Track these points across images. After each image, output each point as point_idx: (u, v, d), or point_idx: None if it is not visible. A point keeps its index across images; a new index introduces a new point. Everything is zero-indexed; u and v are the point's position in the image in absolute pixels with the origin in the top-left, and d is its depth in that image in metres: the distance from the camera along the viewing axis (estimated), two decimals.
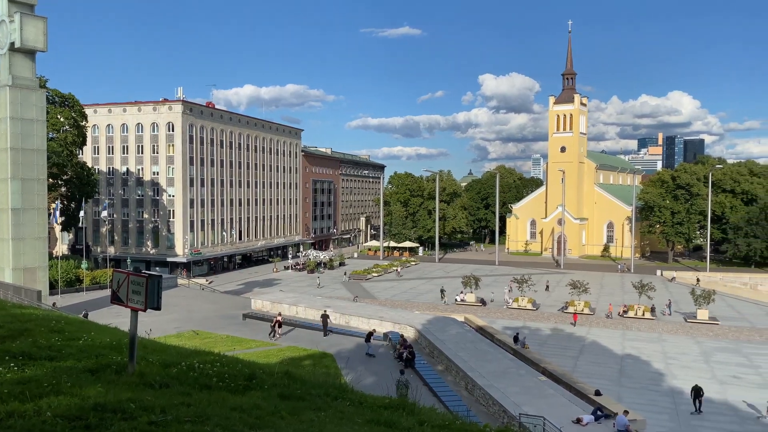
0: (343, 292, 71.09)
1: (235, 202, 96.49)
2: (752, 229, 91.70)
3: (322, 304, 50.59)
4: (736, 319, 57.96)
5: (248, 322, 46.63)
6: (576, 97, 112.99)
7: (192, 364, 9.92)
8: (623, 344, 47.39)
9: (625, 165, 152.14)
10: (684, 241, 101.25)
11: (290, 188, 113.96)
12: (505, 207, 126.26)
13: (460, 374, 31.12)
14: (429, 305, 62.33)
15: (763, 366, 41.58)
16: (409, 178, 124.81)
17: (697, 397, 31.91)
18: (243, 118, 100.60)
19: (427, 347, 37.35)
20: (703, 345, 47.63)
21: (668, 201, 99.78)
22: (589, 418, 23.53)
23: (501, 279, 78.89)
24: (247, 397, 8.31)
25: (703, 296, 56.27)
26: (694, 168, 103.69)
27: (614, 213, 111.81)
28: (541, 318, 57.48)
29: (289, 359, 32.90)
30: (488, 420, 23.75)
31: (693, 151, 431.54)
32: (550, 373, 31.91)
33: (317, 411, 8.06)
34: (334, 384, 11.34)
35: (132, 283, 8.69)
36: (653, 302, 60.25)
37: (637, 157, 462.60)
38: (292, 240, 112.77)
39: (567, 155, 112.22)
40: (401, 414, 8.51)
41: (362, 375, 31.18)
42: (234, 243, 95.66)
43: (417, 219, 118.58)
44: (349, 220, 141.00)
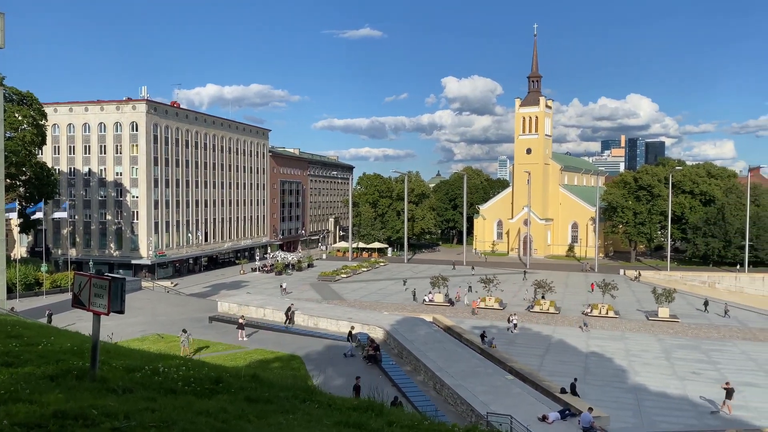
0: (312, 294, 70.76)
1: (201, 203, 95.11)
2: (710, 229, 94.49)
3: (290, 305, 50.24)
4: (696, 317, 59.66)
5: (215, 324, 46.05)
6: (541, 99, 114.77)
7: (157, 368, 9.74)
8: (588, 342, 48.30)
9: (588, 166, 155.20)
10: (646, 240, 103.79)
11: (257, 189, 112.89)
12: (473, 208, 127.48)
13: (428, 374, 31.28)
14: (398, 306, 62.50)
15: (720, 362, 42.88)
16: (377, 179, 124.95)
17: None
18: (209, 118, 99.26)
19: (395, 348, 37.45)
20: (664, 342, 48.88)
21: (631, 202, 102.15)
22: (555, 416, 23.92)
23: (468, 279, 79.57)
24: (214, 401, 8.19)
25: (664, 295, 57.81)
26: (655, 170, 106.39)
27: (578, 213, 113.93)
28: (507, 317, 58.08)
29: (257, 362, 32.59)
30: (457, 419, 23.94)
31: (654, 153, 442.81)
32: (517, 372, 32.33)
33: (285, 414, 8.00)
34: (303, 386, 11.27)
35: (94, 286, 8.49)
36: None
37: (600, 159, 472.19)
38: (260, 241, 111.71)
39: (532, 157, 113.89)
40: (370, 415, 8.50)
41: (331, 377, 31.10)
42: (200, 245, 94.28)
43: (386, 220, 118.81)
44: (317, 221, 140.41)
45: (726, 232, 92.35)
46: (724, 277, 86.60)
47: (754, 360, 43.46)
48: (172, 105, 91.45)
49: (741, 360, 43.57)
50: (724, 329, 54.31)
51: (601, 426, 24.48)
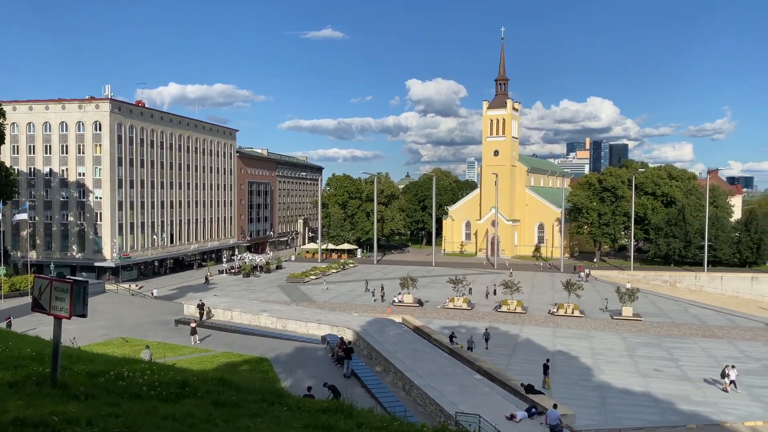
0: (280, 296, 70.23)
1: (167, 204, 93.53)
2: (671, 229, 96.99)
3: (258, 308, 49.81)
4: (658, 315, 61.15)
5: (181, 328, 45.32)
6: (508, 102, 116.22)
7: (121, 372, 9.53)
8: (554, 341, 49.05)
9: (554, 168, 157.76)
10: (610, 241, 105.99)
11: (224, 190, 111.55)
12: (442, 209, 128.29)
13: (398, 375, 31.35)
14: (367, 307, 62.48)
15: (682, 359, 44.04)
16: (347, 180, 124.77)
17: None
18: (175, 118, 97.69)
19: (365, 349, 37.42)
20: (627, 340, 49.95)
21: (595, 203, 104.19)
22: (522, 414, 24.22)
23: (438, 280, 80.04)
24: (180, 405, 8.06)
25: (628, 294, 59.12)
26: (619, 172, 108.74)
27: (545, 214, 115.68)
28: (476, 317, 58.69)
29: (225, 365, 32.20)
30: (426, 419, 24.04)
31: (618, 156, 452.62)
32: (485, 371, 32.64)
33: (253, 417, 7.92)
34: (271, 389, 11.18)
35: (55, 290, 8.26)
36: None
37: (566, 161, 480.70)
38: (227, 243, 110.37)
39: (500, 159, 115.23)
40: (339, 417, 8.48)
41: (301, 379, 30.89)
42: (165, 247, 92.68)
43: (355, 221, 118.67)
44: (286, 222, 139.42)
45: (686, 232, 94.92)
46: (685, 276, 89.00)
47: (713, 357, 44.74)
48: (137, 104, 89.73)
49: (701, 357, 44.81)
50: (685, 327, 55.80)
51: (567, 423, 24.89)
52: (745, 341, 50.38)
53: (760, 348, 47.99)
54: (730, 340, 50.58)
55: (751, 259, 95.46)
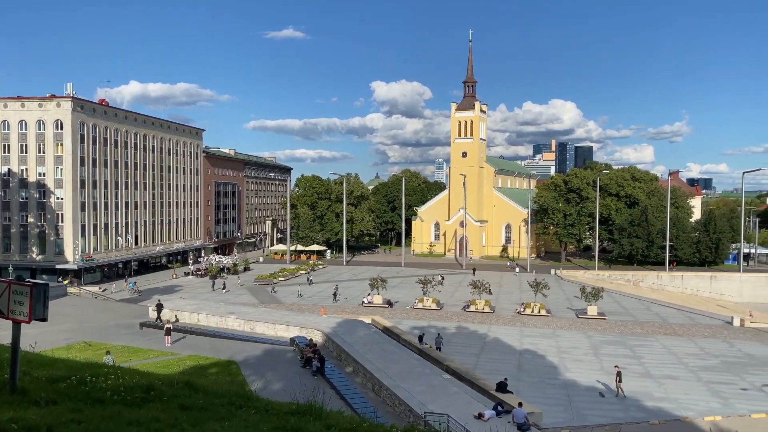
0: (248, 298, 69.52)
1: (131, 205, 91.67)
2: (634, 230, 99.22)
3: (225, 310, 49.24)
4: (622, 314, 62.48)
5: (146, 331, 44.53)
6: (476, 104, 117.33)
7: (83, 377, 9.30)
8: (521, 340, 49.69)
9: (521, 170, 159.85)
10: (575, 241, 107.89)
11: (191, 191, 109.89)
12: (411, 210, 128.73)
13: (367, 376, 31.34)
14: (337, 308, 62.29)
15: (644, 357, 45.08)
16: (316, 181, 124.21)
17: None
18: (140, 117, 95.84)
19: (334, 350, 37.32)
20: (592, 339, 50.90)
21: (561, 204, 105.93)
22: (490, 413, 24.46)
23: (407, 280, 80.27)
24: (145, 410, 7.91)
25: (593, 293, 60.25)
26: (584, 173, 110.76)
27: (512, 215, 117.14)
28: (445, 317, 59.07)
29: (191, 368, 31.73)
30: (395, 420, 24.10)
31: (583, 158, 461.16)
32: (454, 371, 32.87)
33: (221, 421, 7.82)
34: (239, 392, 11.04)
35: (14, 293, 8.01)
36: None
37: (532, 163, 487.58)
38: (193, 245, 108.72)
39: (468, 160, 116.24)
40: (308, 419, 8.43)
41: (270, 381, 30.65)
42: (130, 248, 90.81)
43: (325, 222, 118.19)
44: (254, 223, 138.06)
45: (649, 232, 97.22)
46: (648, 275, 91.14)
47: (675, 354, 45.92)
48: (100, 103, 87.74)
49: (663, 354, 45.94)
50: (648, 325, 57.14)
51: (534, 422, 25.23)
52: (704, 338, 51.84)
53: (719, 345, 49.45)
54: (691, 338, 51.99)
55: (710, 259, 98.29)
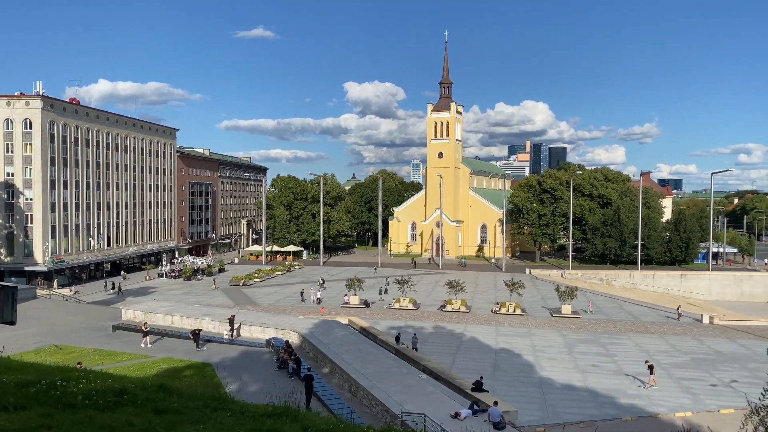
0: (223, 299, 68.84)
1: (103, 205, 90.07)
2: (607, 229, 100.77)
3: (200, 312, 48.70)
4: (595, 313, 63.37)
5: (118, 333, 43.82)
6: (452, 105, 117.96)
7: (53, 381, 9.12)
8: (497, 339, 50.10)
9: (496, 170, 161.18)
10: (549, 241, 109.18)
11: (164, 191, 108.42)
12: (388, 210, 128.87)
13: (344, 376, 31.28)
14: (313, 309, 62.04)
15: (617, 354, 45.82)
16: (292, 181, 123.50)
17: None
18: (112, 117, 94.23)
19: (311, 351, 37.17)
20: (567, 337, 51.56)
21: (535, 204, 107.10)
22: (466, 412, 24.61)
23: (383, 281, 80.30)
24: (118, 414, 7.78)
25: (567, 293, 61.02)
26: (558, 174, 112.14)
27: (487, 215, 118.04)
28: (421, 317, 59.26)
29: (165, 371, 31.32)
30: (372, 420, 24.10)
31: (557, 158, 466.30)
32: (430, 370, 32.98)
33: (195, 424, 7.74)
34: (214, 395, 10.94)
35: None
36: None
37: (507, 163, 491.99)
38: (167, 246, 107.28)
39: (444, 161, 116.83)
40: (285, 421, 8.40)
41: (246, 384, 30.41)
42: (102, 250, 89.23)
43: (301, 222, 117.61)
44: (229, 224, 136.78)
45: (621, 232, 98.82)
46: (620, 274, 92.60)
47: (647, 351, 46.73)
48: (71, 102, 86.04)
49: (635, 352, 46.73)
50: (620, 324, 58.07)
51: (510, 420, 25.45)
52: (675, 336, 52.89)
53: (689, 342, 50.51)
54: (662, 335, 53.00)
55: (681, 258, 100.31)
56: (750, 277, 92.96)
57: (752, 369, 41.21)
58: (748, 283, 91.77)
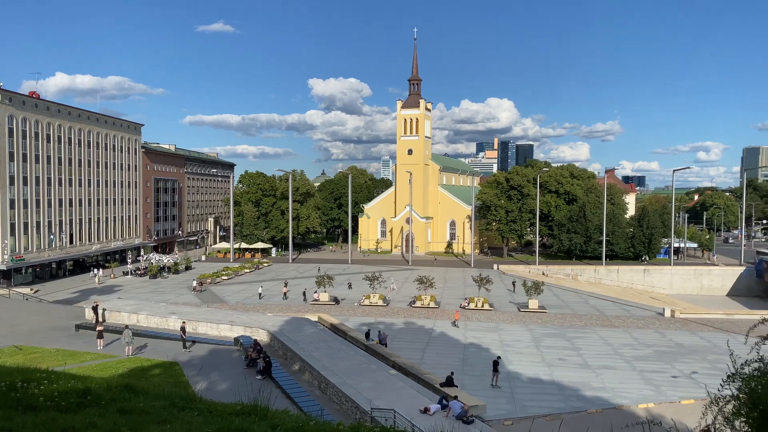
0: (190, 298, 67.89)
1: (65, 202, 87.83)
2: (573, 225, 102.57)
3: (166, 310, 47.91)
4: (561, 307, 64.50)
5: (82, 333, 42.81)
6: (421, 102, 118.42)
7: (14, 383, 8.87)
8: (466, 334, 50.57)
9: (465, 167, 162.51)
10: (517, 237, 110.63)
11: (129, 187, 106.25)
12: (358, 207, 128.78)
13: (313, 374, 31.18)
14: (282, 307, 61.65)
15: (583, 348, 46.72)
16: (260, 178, 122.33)
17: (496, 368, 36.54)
18: (74, 111, 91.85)
19: (280, 349, 36.93)
20: (534, 332, 52.35)
21: (503, 201, 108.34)
22: (435, 407, 24.80)
23: (354, 277, 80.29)
24: (81, 415, 7.62)
25: (534, 287, 61.95)
26: (525, 171, 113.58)
27: (456, 212, 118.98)
28: (391, 313, 59.42)
29: (132, 371, 30.76)
30: (342, 417, 24.09)
31: (524, 156, 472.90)
32: (400, 366, 33.12)
33: (162, 424, 7.63)
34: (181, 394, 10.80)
35: None
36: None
37: (475, 160, 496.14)
38: (132, 243, 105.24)
39: (414, 157, 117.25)
40: (253, 420, 8.33)
41: (215, 382, 30.06)
42: (64, 247, 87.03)
43: (269, 219, 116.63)
44: (196, 221, 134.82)
45: (587, 228, 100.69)
46: (585, 269, 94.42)
47: (611, 345, 47.80)
48: (31, 95, 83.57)
49: (600, 345, 47.74)
50: (586, 318, 59.23)
51: (477, 414, 25.74)
52: (638, 329, 54.19)
53: (652, 335, 51.81)
54: (625, 329, 54.22)
55: (644, 253, 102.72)
56: (709, 272, 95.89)
57: (711, 361, 42.49)
58: (708, 277, 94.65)
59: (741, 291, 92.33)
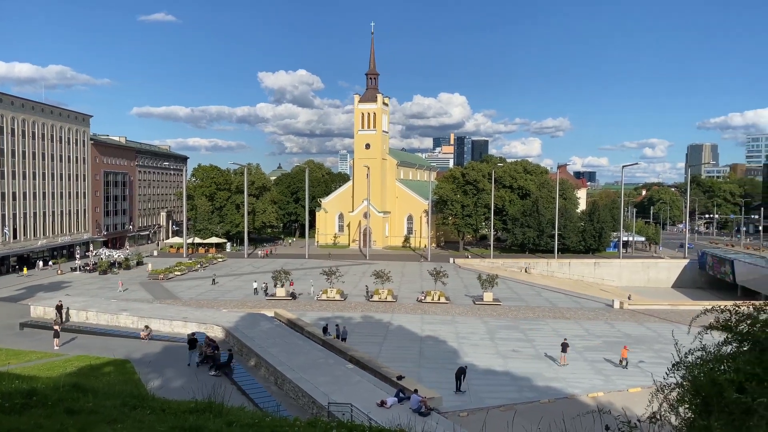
0: (142, 294, 66.22)
1: (8, 196, 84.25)
2: (526, 220, 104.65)
3: (117, 307, 46.66)
4: (515, 300, 65.77)
5: (27, 331, 41.29)
6: (379, 96, 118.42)
7: None
8: (422, 327, 51.00)
9: (422, 162, 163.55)
10: (472, 231, 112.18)
11: (77, 180, 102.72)
12: (315, 201, 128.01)
13: (270, 370, 30.92)
14: (237, 302, 60.81)
15: (536, 339, 47.77)
16: (214, 171, 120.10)
17: (461, 376, 34.06)
18: (17, 101, 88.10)
19: (236, 345, 36.45)
20: (488, 324, 53.21)
21: (459, 196, 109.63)
22: (392, 400, 24.97)
23: (311, 272, 79.86)
24: (26, 416, 7.34)
25: (488, 280, 62.93)
26: (480, 166, 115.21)
27: (413, 206, 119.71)
28: (349, 308, 59.40)
29: (81, 370, 29.86)
30: (299, 413, 23.97)
31: (479, 151, 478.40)
32: (357, 360, 33.17)
33: (112, 423, 7.43)
34: (133, 392, 10.53)
35: None
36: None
37: (432, 155, 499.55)
38: (80, 238, 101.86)
39: (371, 152, 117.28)
40: (208, 417, 8.20)
41: (169, 380, 29.48)
42: (7, 243, 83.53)
43: (224, 213, 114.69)
44: (147, 215, 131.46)
45: (540, 222, 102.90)
46: (538, 262, 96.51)
47: (563, 336, 48.93)
48: None
49: (552, 337, 48.84)
50: (539, 310, 60.58)
51: (434, 406, 26.04)
52: (588, 321, 55.75)
53: (602, 326, 53.39)
54: (576, 320, 55.71)
55: (594, 246, 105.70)
56: (656, 264, 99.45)
57: (657, 350, 44.09)
58: (654, 270, 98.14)
59: (685, 282, 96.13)
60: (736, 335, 6.67)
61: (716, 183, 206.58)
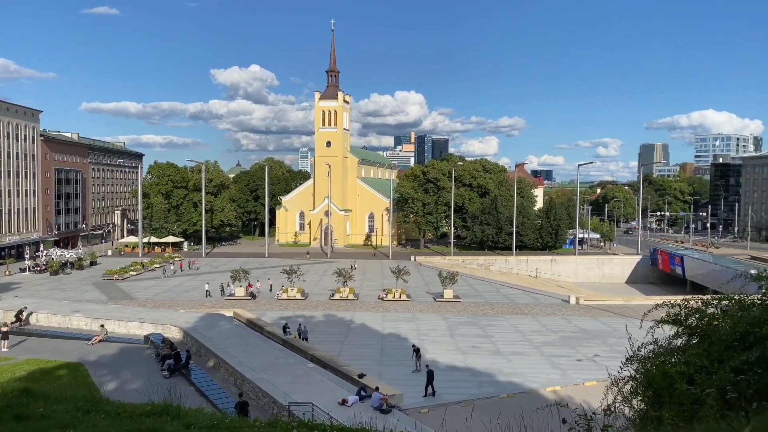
0: (96, 294, 64.38)
1: None
2: (485, 217, 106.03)
3: (70, 308, 45.26)
4: (474, 296, 66.57)
5: None
6: (339, 94, 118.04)
7: None
8: (384, 325, 51.12)
9: (383, 160, 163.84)
10: (433, 229, 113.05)
11: (26, 178, 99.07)
12: (275, 199, 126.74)
13: (229, 370, 30.50)
14: (195, 303, 59.74)
15: (495, 335, 48.48)
16: (170, 168, 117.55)
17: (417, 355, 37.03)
18: None
19: (194, 346, 35.80)
20: (449, 321, 53.73)
21: (420, 194, 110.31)
22: (353, 399, 24.96)
23: (271, 271, 79.08)
24: None
25: (449, 278, 63.53)
26: (440, 165, 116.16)
27: (375, 204, 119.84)
28: (310, 306, 59.06)
29: (31, 374, 28.84)
30: (259, 413, 23.72)
31: (440, 150, 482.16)
32: (318, 359, 33.04)
33: (65, 429, 7.20)
34: (86, 396, 10.23)
35: None
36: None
37: (393, 154, 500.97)
38: (30, 237, 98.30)
39: (332, 150, 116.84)
40: (165, 419, 8.03)
41: (124, 383, 28.78)
42: None
43: (181, 212, 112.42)
44: (101, 214, 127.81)
45: (498, 220, 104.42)
46: (497, 260, 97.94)
47: (521, 332, 49.90)
48: None
49: (511, 332, 49.71)
50: (498, 306, 61.47)
51: (395, 403, 26.16)
52: (546, 316, 56.89)
53: (558, 321, 54.55)
54: (534, 316, 56.79)
55: (551, 243, 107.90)
56: (610, 261, 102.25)
57: (612, 344, 45.31)
58: (609, 266, 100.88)
59: (638, 278, 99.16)
60: (685, 329, 6.90)
61: (667, 182, 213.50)
